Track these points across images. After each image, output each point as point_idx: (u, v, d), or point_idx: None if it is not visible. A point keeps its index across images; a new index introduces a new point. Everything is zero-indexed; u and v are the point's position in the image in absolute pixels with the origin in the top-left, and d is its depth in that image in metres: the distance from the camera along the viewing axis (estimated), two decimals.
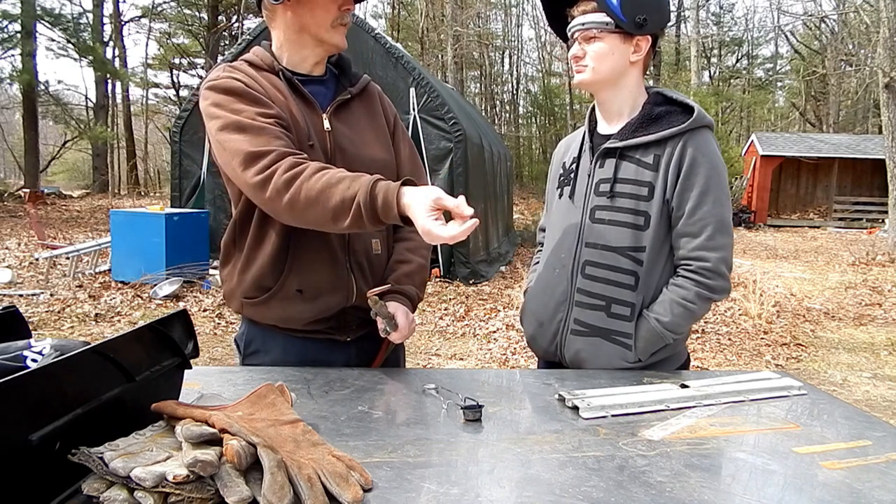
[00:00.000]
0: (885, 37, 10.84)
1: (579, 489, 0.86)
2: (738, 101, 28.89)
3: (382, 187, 1.17)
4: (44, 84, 19.72)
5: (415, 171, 1.58)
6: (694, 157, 1.43)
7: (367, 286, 1.44)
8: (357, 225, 1.20)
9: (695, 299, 1.44)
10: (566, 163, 1.65)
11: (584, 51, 1.47)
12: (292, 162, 1.23)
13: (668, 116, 1.48)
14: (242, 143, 1.26)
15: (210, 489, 0.75)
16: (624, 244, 1.47)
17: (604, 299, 1.49)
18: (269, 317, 1.45)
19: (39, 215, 11.29)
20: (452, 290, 7.28)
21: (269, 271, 1.40)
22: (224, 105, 1.32)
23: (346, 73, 1.53)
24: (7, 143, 24.27)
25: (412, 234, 1.55)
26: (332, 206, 1.19)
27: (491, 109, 31.75)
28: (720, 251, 1.44)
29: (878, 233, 14.68)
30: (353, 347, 1.51)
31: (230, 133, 1.28)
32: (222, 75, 1.37)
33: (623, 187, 1.48)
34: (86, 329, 5.44)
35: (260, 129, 1.27)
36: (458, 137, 7.47)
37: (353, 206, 1.17)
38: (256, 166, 1.24)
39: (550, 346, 1.58)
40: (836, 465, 0.96)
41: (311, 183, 1.20)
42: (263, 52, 1.44)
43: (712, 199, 1.43)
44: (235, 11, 24.69)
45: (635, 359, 1.47)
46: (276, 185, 1.21)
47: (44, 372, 0.76)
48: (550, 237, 1.66)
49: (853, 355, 5.38)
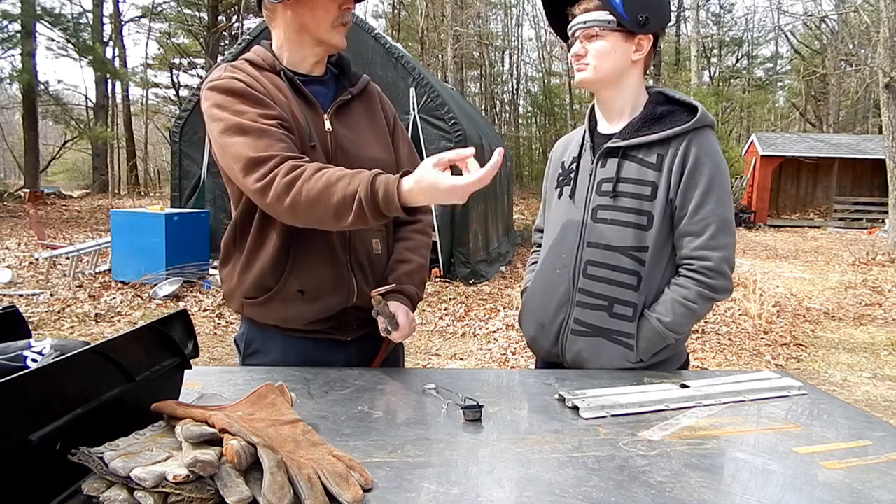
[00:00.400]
0: (885, 37, 10.84)
1: (579, 489, 0.86)
2: (738, 101, 28.87)
3: (382, 180, 1.18)
4: (44, 84, 19.73)
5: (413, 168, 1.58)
6: (698, 156, 1.43)
7: (368, 286, 1.44)
8: (360, 220, 1.20)
9: (696, 299, 1.44)
10: (565, 162, 1.64)
11: (585, 49, 1.46)
12: (292, 165, 1.23)
13: (670, 116, 1.48)
14: (244, 147, 1.26)
15: (210, 489, 0.75)
16: (626, 244, 1.47)
17: (606, 299, 1.48)
18: (270, 317, 1.45)
19: (39, 215, 11.29)
20: (452, 290, 7.28)
21: (270, 272, 1.40)
22: (226, 106, 1.31)
23: (345, 73, 1.53)
24: (7, 143, 24.28)
25: (412, 234, 1.56)
26: (333, 204, 1.19)
27: (491, 109, 31.74)
28: (722, 250, 1.43)
29: (878, 233, 14.68)
30: (354, 347, 1.51)
31: (232, 136, 1.28)
32: (224, 75, 1.37)
33: (626, 187, 1.47)
34: (86, 329, 5.44)
35: (261, 131, 1.27)
36: (458, 137, 7.46)
37: (356, 202, 1.17)
38: (257, 172, 1.24)
39: (553, 346, 1.57)
40: (836, 465, 0.96)
41: (311, 184, 1.20)
42: (264, 52, 1.44)
43: (715, 199, 1.43)
44: (235, 11, 24.69)
45: (637, 359, 1.47)
46: (276, 189, 1.22)
47: (44, 372, 0.76)
48: (549, 237, 1.65)
49: (853, 355, 5.38)
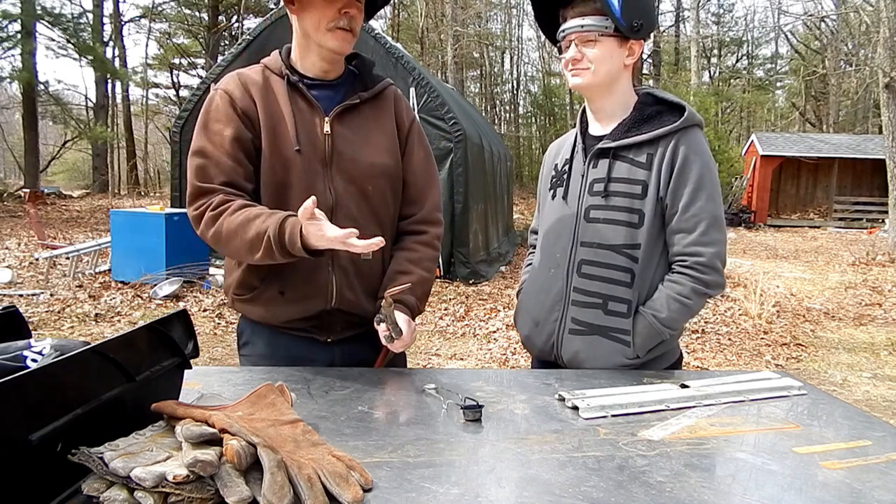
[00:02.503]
0: (885, 37, 10.84)
1: (579, 489, 0.86)
2: (738, 101, 28.87)
3: (291, 221, 1.27)
4: (44, 84, 19.73)
5: (425, 177, 1.59)
6: (686, 154, 1.45)
7: (352, 291, 1.48)
8: (269, 256, 1.29)
9: (690, 294, 1.46)
10: (558, 164, 1.66)
11: (582, 54, 1.47)
12: (221, 199, 1.36)
13: (659, 116, 1.50)
14: (194, 174, 1.40)
15: (210, 489, 0.75)
16: (619, 242, 1.48)
17: (601, 297, 1.50)
18: (254, 313, 1.53)
19: (39, 215, 11.29)
20: (452, 290, 7.28)
21: (255, 272, 1.47)
22: (202, 125, 1.44)
23: (364, 77, 1.54)
24: (7, 143, 24.27)
25: (416, 245, 1.55)
26: (248, 239, 1.30)
27: (491, 109, 31.74)
28: (714, 246, 1.45)
29: (878, 233, 14.68)
30: (337, 349, 1.53)
31: (193, 158, 1.42)
32: (220, 86, 1.47)
33: (617, 186, 1.49)
34: (86, 329, 5.44)
35: (216, 162, 1.39)
36: (458, 137, 7.47)
37: (265, 239, 1.27)
38: (195, 203, 1.39)
39: (546, 345, 1.59)
40: (836, 465, 0.96)
41: (231, 218, 1.33)
42: (276, 57, 1.52)
43: (705, 196, 1.45)
44: (235, 11, 24.69)
45: (634, 355, 1.48)
46: (205, 220, 1.37)
47: (44, 372, 0.76)
48: (543, 238, 1.66)
49: (853, 355, 5.38)
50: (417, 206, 1.57)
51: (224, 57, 8.91)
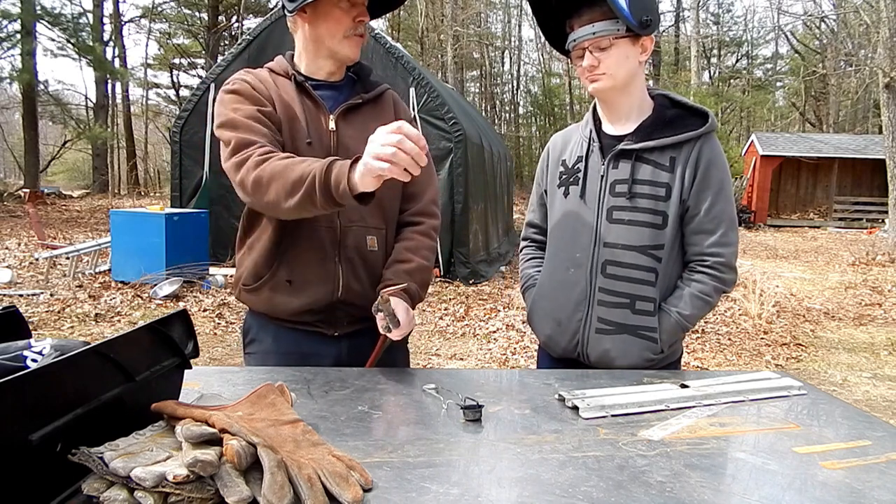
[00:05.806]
0: (885, 37, 10.85)
1: (579, 489, 0.86)
2: (738, 101, 28.87)
3: (338, 163, 1.23)
4: (43, 84, 19.74)
5: (423, 175, 1.58)
6: (710, 159, 1.51)
7: (358, 281, 1.50)
8: (308, 200, 1.24)
9: (712, 293, 1.52)
10: (566, 160, 1.65)
11: (598, 59, 1.47)
12: (268, 149, 1.36)
13: (680, 120, 1.54)
14: (232, 136, 1.40)
15: (210, 489, 0.75)
16: (644, 243, 1.52)
17: (628, 297, 1.53)
18: (261, 305, 1.53)
19: (39, 215, 11.29)
20: (452, 290, 7.28)
21: (264, 261, 1.50)
22: (226, 104, 1.46)
23: (363, 81, 1.61)
24: (7, 143, 24.29)
25: (414, 235, 1.58)
26: (291, 180, 1.26)
27: (491, 109, 31.75)
28: (732, 246, 1.53)
29: (878, 233, 14.68)
30: (344, 343, 1.55)
31: (224, 130, 1.43)
32: (235, 78, 1.52)
33: (641, 188, 1.51)
34: (86, 329, 5.44)
35: (249, 127, 1.40)
36: (458, 137, 7.47)
37: (308, 180, 1.23)
38: (239, 153, 1.37)
39: (570, 344, 1.60)
40: (836, 465, 0.96)
41: (278, 162, 1.31)
42: (281, 60, 1.57)
43: (724, 199, 1.52)
44: (235, 11, 24.70)
45: (660, 350, 1.53)
46: (248, 165, 1.34)
47: (44, 372, 0.76)
48: (555, 236, 1.66)
49: (853, 355, 5.38)
50: (415, 201, 1.62)
51: (224, 57, 8.90)
